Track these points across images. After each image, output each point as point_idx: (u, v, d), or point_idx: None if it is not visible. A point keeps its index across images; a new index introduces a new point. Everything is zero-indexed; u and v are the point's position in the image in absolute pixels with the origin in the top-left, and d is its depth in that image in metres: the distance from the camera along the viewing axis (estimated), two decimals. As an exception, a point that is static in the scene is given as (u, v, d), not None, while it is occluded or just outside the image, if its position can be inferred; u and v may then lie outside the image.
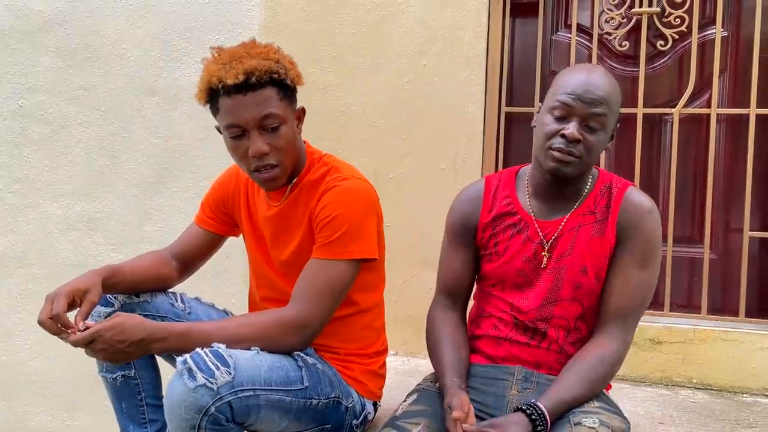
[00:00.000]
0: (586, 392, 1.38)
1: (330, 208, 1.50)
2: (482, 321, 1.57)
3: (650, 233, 1.45)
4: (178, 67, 2.82)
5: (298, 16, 2.66)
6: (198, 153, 2.81)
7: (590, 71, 1.44)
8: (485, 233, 1.56)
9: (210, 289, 2.68)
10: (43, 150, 2.96)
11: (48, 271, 2.97)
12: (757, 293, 2.42)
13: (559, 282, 1.48)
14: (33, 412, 3.00)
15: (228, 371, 1.31)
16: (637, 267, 1.45)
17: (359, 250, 1.50)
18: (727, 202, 2.46)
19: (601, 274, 1.47)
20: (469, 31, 2.51)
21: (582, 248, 1.47)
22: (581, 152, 1.41)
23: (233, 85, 1.42)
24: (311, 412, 1.48)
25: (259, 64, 1.44)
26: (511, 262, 1.52)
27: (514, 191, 1.56)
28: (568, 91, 1.42)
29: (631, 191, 1.49)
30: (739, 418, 2.01)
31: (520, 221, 1.53)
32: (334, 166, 1.59)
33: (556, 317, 1.48)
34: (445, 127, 2.53)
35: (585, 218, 1.48)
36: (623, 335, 1.44)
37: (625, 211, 1.46)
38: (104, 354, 1.36)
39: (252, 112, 1.44)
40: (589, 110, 1.40)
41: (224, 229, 1.75)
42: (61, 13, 2.91)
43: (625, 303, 1.44)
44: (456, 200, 1.64)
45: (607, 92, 1.41)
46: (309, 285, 1.48)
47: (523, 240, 1.51)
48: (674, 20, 2.41)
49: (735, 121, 2.43)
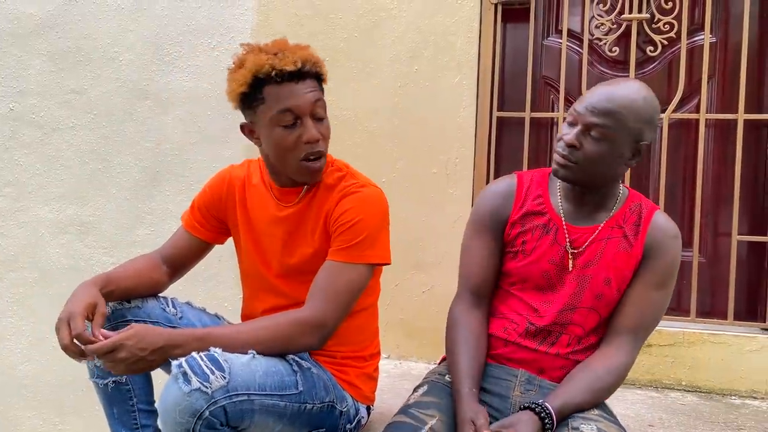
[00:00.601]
0: (591, 400, 1.40)
1: (351, 214, 1.52)
2: (494, 321, 1.57)
3: (673, 257, 1.49)
4: (170, 70, 2.82)
5: (290, 21, 2.67)
6: (190, 157, 2.81)
7: (616, 84, 1.46)
8: (513, 229, 1.55)
9: (202, 293, 2.68)
10: (35, 153, 2.95)
11: (39, 275, 2.96)
12: (745, 296, 2.44)
13: (582, 289, 1.49)
14: (24, 416, 2.99)
15: (223, 375, 1.31)
16: (655, 287, 1.48)
17: (376, 255, 1.54)
18: (715, 206, 2.48)
19: (622, 287, 1.49)
20: (461, 36, 2.53)
21: (608, 260, 1.49)
22: (578, 159, 1.43)
23: (289, 72, 1.46)
24: (305, 417, 1.49)
25: (310, 56, 1.51)
26: (537, 263, 1.52)
27: (547, 191, 1.57)
28: (584, 99, 1.44)
29: (660, 214, 1.52)
30: (728, 420, 2.03)
31: (549, 222, 1.53)
32: (350, 172, 1.62)
33: (573, 324, 1.50)
34: (437, 131, 2.55)
35: (613, 231, 1.50)
36: (631, 350, 1.47)
37: (654, 232, 1.49)
38: (126, 364, 1.36)
39: (307, 99, 1.49)
40: (591, 119, 1.41)
41: (212, 236, 1.74)
42: (53, 17, 2.91)
43: (639, 319, 1.47)
44: (486, 193, 1.62)
45: (618, 105, 1.40)
46: (328, 286, 1.49)
47: (550, 242, 1.52)
48: (663, 26, 2.43)
49: (723, 126, 2.46)
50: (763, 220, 2.42)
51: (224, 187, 1.71)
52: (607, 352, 1.46)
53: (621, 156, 1.44)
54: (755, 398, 2.26)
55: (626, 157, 1.45)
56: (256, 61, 1.48)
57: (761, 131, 2.44)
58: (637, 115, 1.41)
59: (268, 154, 1.58)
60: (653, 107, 1.44)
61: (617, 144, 1.42)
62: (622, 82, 1.47)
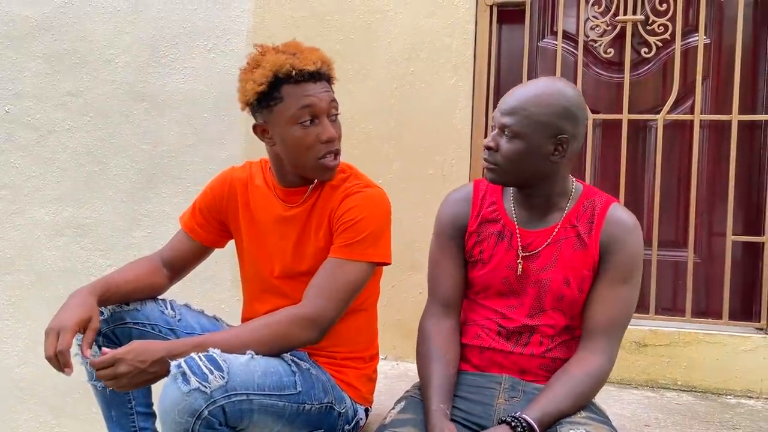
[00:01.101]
0: (572, 406, 1.39)
1: (354, 212, 1.54)
2: (467, 329, 1.57)
3: (633, 250, 1.47)
4: (166, 72, 2.82)
5: (286, 23, 2.67)
6: (186, 159, 2.81)
7: (528, 82, 1.49)
8: (471, 239, 1.57)
9: (199, 295, 2.68)
10: (31, 156, 2.95)
11: (36, 278, 2.95)
12: (740, 296, 2.45)
13: (543, 293, 1.49)
14: (21, 419, 2.98)
15: (222, 375, 1.31)
16: (620, 283, 1.46)
17: (377, 254, 1.55)
18: (710, 206, 2.49)
19: (583, 286, 1.48)
20: (456, 38, 2.53)
21: (565, 261, 1.49)
22: (497, 160, 1.46)
23: (309, 72, 1.51)
24: (304, 417, 1.49)
25: (325, 57, 1.56)
26: (495, 270, 1.53)
27: (501, 198, 1.58)
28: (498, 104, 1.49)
29: (615, 208, 1.50)
30: (724, 420, 2.04)
31: (503, 228, 1.54)
32: (354, 173, 1.64)
33: (543, 326, 1.50)
34: (433, 132, 2.55)
35: (567, 231, 1.50)
36: (608, 350, 1.45)
37: (609, 227, 1.47)
38: (127, 378, 1.36)
39: (325, 98, 1.54)
40: (502, 120, 1.44)
41: (212, 239, 1.74)
42: (49, 19, 2.90)
43: (609, 318, 1.46)
44: (445, 203, 1.64)
45: (521, 101, 1.42)
46: (327, 282, 1.50)
47: (506, 248, 1.53)
48: (658, 28, 2.44)
49: (718, 127, 2.47)
50: (757, 220, 2.43)
51: (226, 188, 1.71)
52: (584, 356, 1.44)
53: (540, 152, 1.43)
54: (750, 397, 2.28)
55: (548, 153, 1.44)
56: (276, 61, 1.50)
57: (755, 132, 2.45)
58: (546, 109, 1.41)
59: (281, 154, 1.58)
60: (567, 99, 1.42)
61: (532, 141, 1.42)
62: (535, 80, 1.49)
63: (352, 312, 1.62)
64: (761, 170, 2.43)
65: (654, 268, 2.41)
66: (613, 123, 2.50)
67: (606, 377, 1.46)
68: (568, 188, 1.53)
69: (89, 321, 1.46)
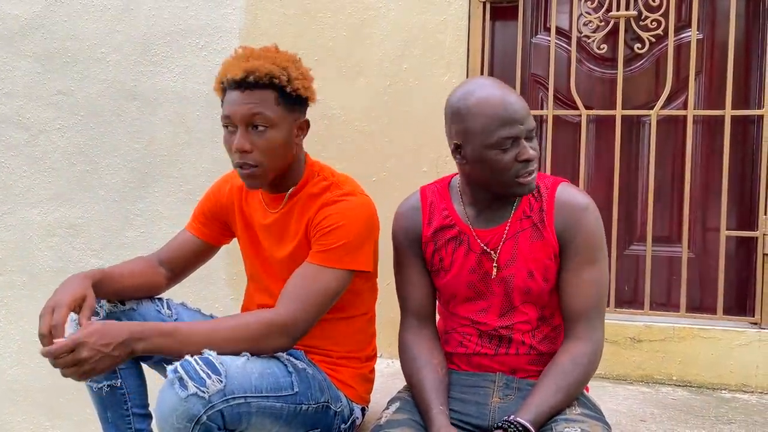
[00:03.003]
0: (565, 398, 1.38)
1: (331, 219, 1.51)
2: (449, 337, 1.56)
3: (591, 229, 1.44)
4: (158, 71, 2.80)
5: (278, 21, 2.66)
6: (179, 158, 2.79)
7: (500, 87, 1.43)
8: (428, 248, 1.55)
9: (193, 293, 2.66)
10: (21, 155, 2.93)
11: (28, 278, 2.93)
12: (734, 291, 2.46)
13: (510, 290, 1.48)
14: (15, 421, 2.96)
15: (219, 379, 1.30)
16: (587, 265, 1.44)
17: (354, 262, 1.52)
18: (704, 201, 2.50)
19: (547, 275, 1.46)
20: (449, 34, 2.53)
21: (525, 253, 1.46)
22: (536, 162, 1.42)
23: (233, 80, 1.48)
24: (301, 417, 1.49)
25: (262, 66, 1.48)
26: (458, 276, 1.51)
27: (451, 202, 1.55)
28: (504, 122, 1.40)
29: (563, 189, 1.47)
30: (719, 414, 2.05)
31: (459, 233, 1.51)
32: (335, 182, 1.60)
33: (518, 323, 1.49)
34: (426, 129, 2.55)
35: (522, 223, 1.47)
36: (591, 334, 1.43)
37: (561, 210, 1.44)
38: (90, 363, 1.31)
39: (242, 109, 1.49)
40: (528, 126, 1.40)
41: (216, 238, 1.75)
42: (39, 18, 2.88)
43: (584, 302, 1.44)
44: (395, 217, 1.60)
45: (522, 101, 1.41)
46: (299, 288, 1.48)
47: (465, 252, 1.50)
48: (651, 23, 2.44)
49: (711, 123, 2.48)
50: (751, 215, 2.44)
51: (225, 191, 1.72)
52: (568, 345, 1.43)
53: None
54: (745, 392, 2.28)
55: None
56: (224, 66, 1.53)
57: (748, 127, 2.46)
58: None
59: None
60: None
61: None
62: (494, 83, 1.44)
63: (346, 316, 1.63)
64: (755, 165, 2.44)
65: (648, 263, 2.42)
66: (607, 119, 2.50)
67: (595, 361, 1.43)
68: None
69: (84, 299, 1.43)
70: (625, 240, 2.54)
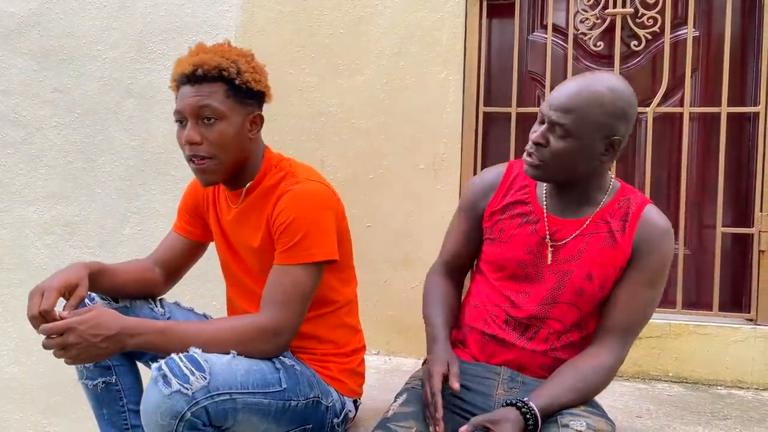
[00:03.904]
0: (576, 400, 1.38)
1: (285, 214, 1.50)
2: (475, 311, 1.56)
3: (664, 254, 1.44)
4: (154, 68, 2.80)
5: (275, 18, 2.66)
6: (176, 155, 2.79)
7: (582, 78, 1.41)
8: (492, 218, 1.56)
9: (189, 292, 2.66)
10: (18, 153, 2.92)
11: (25, 276, 2.93)
12: (729, 288, 2.47)
13: (563, 284, 1.47)
14: (12, 418, 2.96)
15: (203, 376, 1.31)
16: (646, 285, 1.44)
17: (320, 253, 1.51)
18: (700, 198, 2.50)
19: (606, 284, 1.46)
20: (446, 32, 2.53)
21: (592, 255, 1.46)
22: (545, 157, 1.41)
23: (182, 74, 1.50)
24: (291, 413, 1.49)
25: (210, 59, 1.50)
26: (513, 250, 1.51)
27: (534, 182, 1.55)
28: (551, 95, 1.43)
29: (650, 209, 1.47)
30: (714, 410, 2.06)
31: (530, 212, 1.52)
32: (290, 171, 1.59)
33: (552, 319, 1.48)
34: (423, 127, 2.55)
35: (599, 226, 1.47)
36: (620, 349, 1.44)
37: (643, 228, 1.44)
38: (76, 349, 1.33)
39: (191, 102, 1.50)
40: (554, 117, 1.38)
41: (202, 235, 1.75)
42: (35, 15, 2.88)
43: (628, 318, 1.45)
44: (477, 178, 1.64)
45: (578, 100, 1.36)
46: (277, 292, 1.48)
47: (529, 232, 1.51)
48: (647, 21, 2.45)
49: (707, 120, 2.48)
50: (746, 212, 2.44)
51: (200, 188, 1.72)
52: (596, 351, 1.44)
53: (591, 152, 1.40)
54: (741, 388, 2.29)
55: (598, 153, 1.40)
56: (177, 63, 1.55)
57: (744, 124, 2.46)
58: (603, 109, 1.36)
59: None
60: (624, 100, 1.38)
61: (584, 140, 1.38)
62: (590, 75, 1.41)
63: (324, 312, 1.63)
64: (750, 162, 2.44)
65: (645, 260, 2.42)
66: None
67: (612, 376, 1.44)
68: (606, 184, 1.50)
69: (76, 286, 1.43)
70: (621, 237, 2.54)
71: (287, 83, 2.62)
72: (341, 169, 2.59)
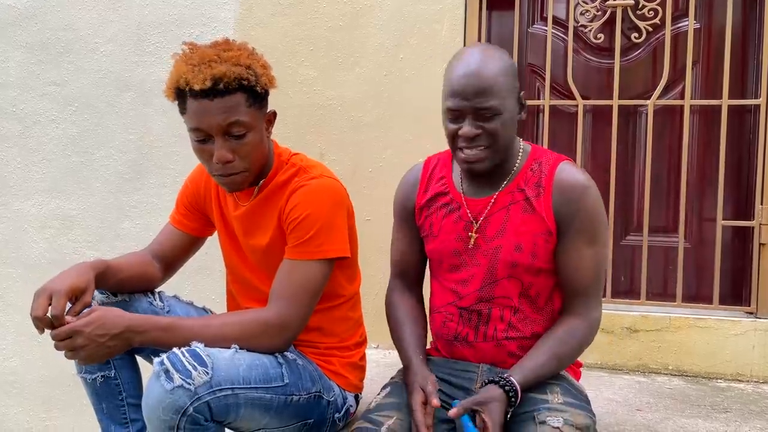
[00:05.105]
0: (554, 366, 1.42)
1: (299, 209, 1.49)
2: (435, 316, 1.59)
3: (592, 208, 1.43)
4: (152, 61, 2.78)
5: (274, 10, 2.65)
6: (174, 149, 2.78)
7: (461, 65, 1.40)
8: (422, 214, 1.58)
9: (189, 286, 2.66)
10: (15, 147, 2.91)
11: (23, 270, 2.92)
12: (730, 281, 2.46)
13: (496, 262, 1.47)
14: (11, 413, 2.96)
15: (206, 371, 1.30)
16: (587, 244, 1.44)
17: (332, 249, 1.51)
18: (700, 191, 2.50)
19: (537, 251, 1.45)
20: (445, 24, 2.52)
21: (515, 226, 1.46)
22: (486, 142, 1.40)
23: (200, 91, 1.40)
24: (292, 408, 1.48)
25: (229, 71, 1.41)
26: (444, 242, 1.53)
27: (450, 171, 1.57)
28: (452, 93, 1.40)
29: (564, 167, 1.45)
30: (714, 403, 2.05)
31: (451, 201, 1.53)
32: (302, 167, 1.58)
33: (498, 297, 1.48)
34: (423, 119, 2.54)
35: (515, 196, 1.47)
36: (587, 312, 1.45)
37: (561, 188, 1.43)
38: (86, 351, 1.34)
39: (218, 119, 1.42)
40: (472, 105, 1.38)
41: (199, 229, 1.73)
42: (32, 8, 2.86)
43: (582, 281, 1.45)
44: (399, 183, 1.65)
45: (483, 81, 1.36)
46: (286, 286, 1.48)
47: (454, 219, 1.52)
48: (648, 12, 2.43)
49: (708, 112, 2.47)
50: (747, 204, 2.44)
51: (203, 180, 1.70)
52: (565, 319, 1.46)
53: (514, 117, 1.44)
54: (740, 381, 2.29)
55: (516, 115, 1.45)
56: (177, 71, 1.43)
57: (745, 116, 2.45)
58: (506, 73, 1.40)
59: None
60: (507, 56, 1.44)
61: (508, 109, 1.40)
62: (467, 55, 1.41)
63: (329, 306, 1.62)
64: (751, 155, 2.43)
65: (645, 253, 2.42)
66: (604, 108, 2.50)
67: (589, 338, 1.46)
68: (516, 149, 1.50)
69: (84, 293, 1.42)
70: (621, 230, 2.54)
71: (286, 76, 2.60)
72: (341, 162, 2.57)
